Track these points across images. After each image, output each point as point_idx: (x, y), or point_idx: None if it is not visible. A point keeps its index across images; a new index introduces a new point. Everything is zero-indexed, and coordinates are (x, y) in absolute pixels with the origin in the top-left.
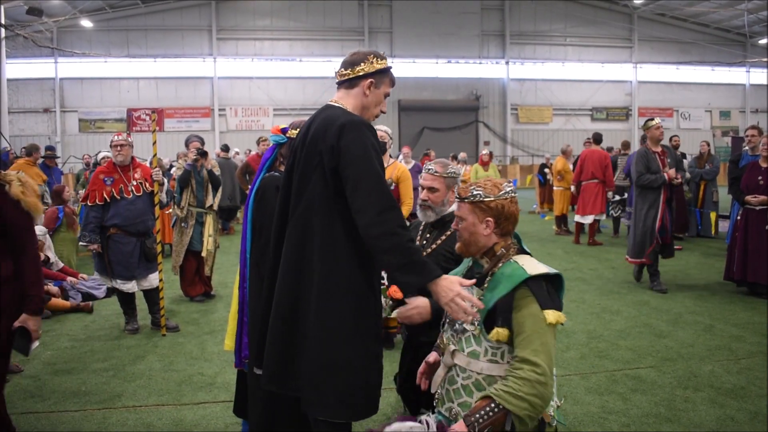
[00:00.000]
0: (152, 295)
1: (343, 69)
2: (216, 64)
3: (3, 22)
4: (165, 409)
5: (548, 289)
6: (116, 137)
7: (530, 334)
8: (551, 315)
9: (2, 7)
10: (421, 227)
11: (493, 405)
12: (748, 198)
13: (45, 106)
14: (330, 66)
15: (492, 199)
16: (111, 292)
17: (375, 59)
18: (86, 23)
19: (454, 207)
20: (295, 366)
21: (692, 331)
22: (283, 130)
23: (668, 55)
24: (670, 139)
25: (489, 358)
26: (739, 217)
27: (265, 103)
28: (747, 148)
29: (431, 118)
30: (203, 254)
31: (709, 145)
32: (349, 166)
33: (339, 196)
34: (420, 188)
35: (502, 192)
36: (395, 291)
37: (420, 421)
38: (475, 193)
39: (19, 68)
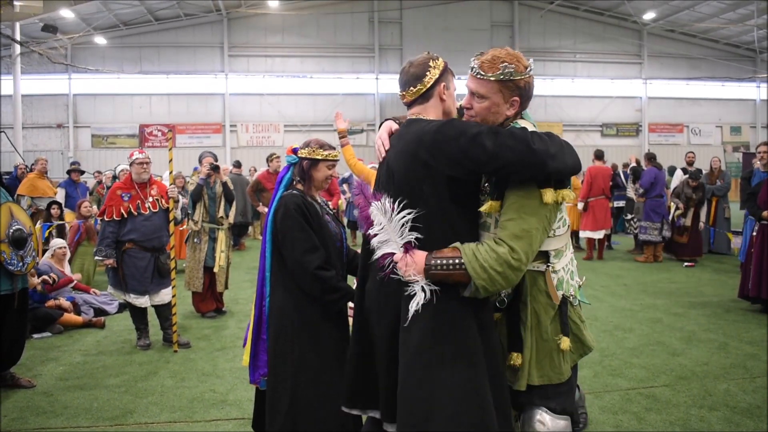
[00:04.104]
0: (164, 311)
1: (411, 88)
2: (227, 81)
3: (18, 38)
4: (177, 426)
5: None
6: (140, 155)
7: (514, 218)
8: (546, 194)
9: (18, 24)
10: None
11: (457, 260)
12: (766, 213)
13: (58, 122)
14: (340, 83)
15: (522, 77)
16: (123, 307)
17: (434, 62)
18: (100, 40)
19: None
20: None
21: (706, 350)
22: (294, 150)
23: (678, 71)
24: (686, 156)
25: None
26: (754, 233)
27: (276, 120)
28: (759, 164)
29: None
30: (215, 270)
31: (720, 161)
32: (463, 150)
33: (454, 203)
34: None
35: (529, 68)
36: None
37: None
38: (507, 70)
39: (34, 84)
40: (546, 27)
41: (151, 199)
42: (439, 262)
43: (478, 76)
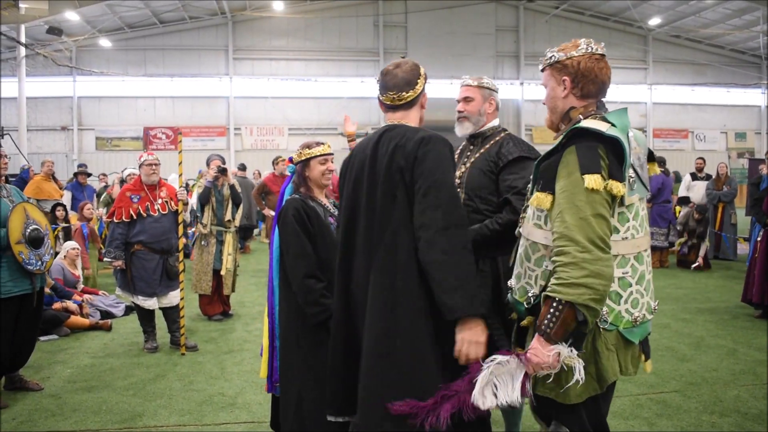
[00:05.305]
0: (172, 314)
1: (403, 93)
2: (232, 84)
3: (23, 40)
4: (186, 429)
5: (602, 154)
6: (149, 156)
7: (567, 208)
8: (590, 179)
9: (23, 26)
10: (460, 148)
11: (555, 304)
12: None
13: (63, 124)
14: (345, 86)
15: (566, 57)
16: (129, 310)
17: (421, 69)
18: (105, 42)
19: (494, 123)
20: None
21: (715, 355)
22: (290, 159)
23: (683, 77)
24: (695, 162)
25: (534, 222)
26: (759, 239)
27: (280, 123)
28: (767, 171)
29: (446, 138)
30: (222, 273)
31: (727, 166)
32: (420, 177)
33: None
34: (457, 102)
35: (580, 48)
36: None
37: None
38: (549, 55)
39: (38, 86)
40: (551, 32)
41: (160, 201)
42: (546, 322)
43: (540, 71)
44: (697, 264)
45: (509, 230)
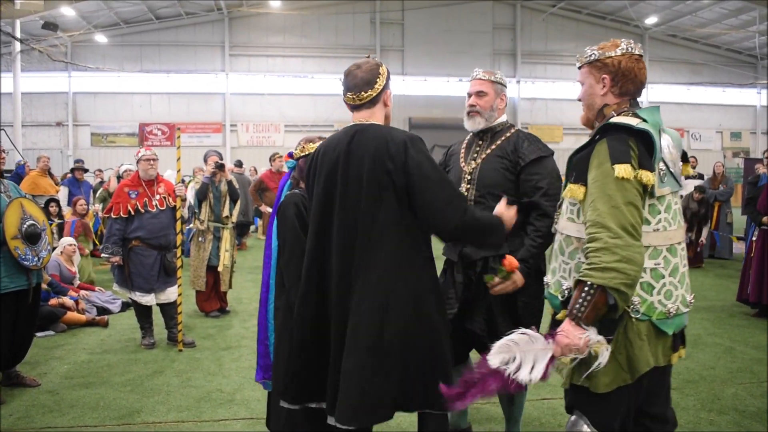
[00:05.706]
0: (169, 310)
1: (363, 93)
2: (228, 80)
3: (19, 36)
4: (185, 425)
5: (632, 146)
6: (146, 152)
7: (598, 197)
8: (620, 169)
9: (18, 21)
10: (465, 141)
11: (586, 288)
12: (766, 219)
13: (58, 120)
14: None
15: (608, 56)
16: (126, 306)
17: (381, 68)
18: (100, 38)
19: (503, 118)
20: (390, 386)
21: (713, 354)
22: (290, 155)
23: (679, 76)
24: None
25: (567, 216)
26: (754, 238)
27: (277, 120)
28: (765, 170)
29: (442, 136)
30: (219, 269)
31: (723, 166)
32: (423, 181)
33: (408, 212)
34: (467, 96)
35: (620, 48)
36: (511, 262)
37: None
38: (589, 53)
39: (34, 82)
40: (548, 30)
41: (158, 197)
42: (578, 306)
43: (578, 68)
44: (700, 243)
45: (549, 237)
